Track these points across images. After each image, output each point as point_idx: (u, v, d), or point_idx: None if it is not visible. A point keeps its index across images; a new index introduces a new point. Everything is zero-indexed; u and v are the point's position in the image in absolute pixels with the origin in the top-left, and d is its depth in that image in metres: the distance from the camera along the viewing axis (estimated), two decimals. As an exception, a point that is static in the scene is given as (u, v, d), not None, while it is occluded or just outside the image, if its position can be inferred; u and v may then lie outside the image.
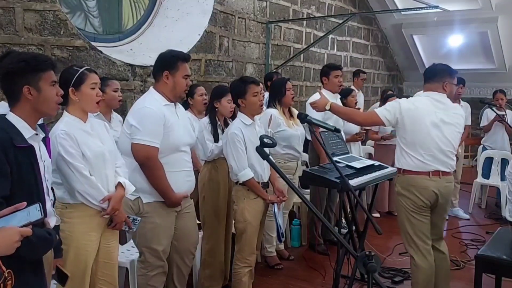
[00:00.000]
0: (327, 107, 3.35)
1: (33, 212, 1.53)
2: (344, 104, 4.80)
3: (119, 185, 2.48)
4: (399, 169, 3.20)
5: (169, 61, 2.74)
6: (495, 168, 6.05)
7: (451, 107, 3.21)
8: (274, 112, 4.03)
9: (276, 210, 3.29)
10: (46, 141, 2.10)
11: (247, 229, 3.16)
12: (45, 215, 1.65)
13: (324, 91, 4.53)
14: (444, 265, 3.31)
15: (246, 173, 3.10)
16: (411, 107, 3.11)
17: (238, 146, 3.09)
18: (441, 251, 3.30)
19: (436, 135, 3.10)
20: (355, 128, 5.16)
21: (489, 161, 6.12)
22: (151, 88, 2.82)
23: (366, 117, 3.52)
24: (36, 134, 1.94)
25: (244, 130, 3.13)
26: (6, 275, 1.47)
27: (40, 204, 1.56)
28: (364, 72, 6.57)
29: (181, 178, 2.81)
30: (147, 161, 2.63)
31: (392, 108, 3.16)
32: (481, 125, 6.21)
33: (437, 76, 3.17)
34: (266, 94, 4.20)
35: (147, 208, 2.73)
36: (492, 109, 5.87)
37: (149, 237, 2.76)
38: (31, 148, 1.86)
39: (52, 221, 2.07)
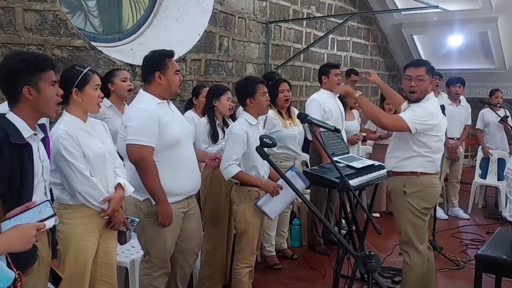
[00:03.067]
0: (356, 95, 3.24)
1: (44, 209, 1.56)
2: (344, 104, 4.79)
3: (119, 186, 2.48)
4: (412, 172, 3.14)
5: (157, 61, 2.75)
6: (492, 168, 6.06)
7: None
8: (270, 112, 4.01)
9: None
10: (45, 141, 2.10)
11: (248, 229, 3.15)
12: None
13: (322, 91, 4.54)
14: (432, 262, 3.43)
15: (229, 170, 3.06)
16: (437, 113, 3.14)
17: (236, 146, 3.08)
18: (430, 248, 3.41)
19: (443, 135, 3.23)
20: (355, 129, 5.17)
21: (486, 161, 6.14)
22: (141, 90, 2.81)
23: (393, 122, 3.15)
24: (35, 134, 1.94)
25: (249, 131, 3.12)
26: (17, 276, 1.47)
27: (50, 201, 1.58)
28: (356, 74, 6.35)
29: (185, 176, 2.80)
30: (140, 162, 2.62)
31: (422, 117, 3.05)
32: (477, 126, 6.21)
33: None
34: None
35: (156, 209, 2.71)
36: (493, 110, 5.88)
37: (156, 238, 2.76)
38: (28, 146, 1.86)
39: (50, 221, 2.06)
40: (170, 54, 2.79)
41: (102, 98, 2.49)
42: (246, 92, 3.18)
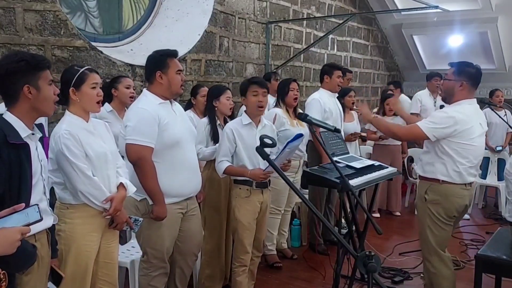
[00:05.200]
0: (370, 119, 3.33)
1: (31, 214, 1.54)
2: (341, 104, 4.79)
3: (121, 185, 2.48)
4: (434, 179, 3.05)
5: (158, 61, 2.75)
6: (492, 168, 6.08)
7: (482, 114, 3.17)
8: (279, 111, 4.08)
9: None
10: (43, 141, 2.10)
11: (238, 227, 3.17)
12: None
13: (323, 91, 4.55)
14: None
15: (219, 167, 3.13)
16: (465, 118, 2.95)
17: (223, 143, 3.14)
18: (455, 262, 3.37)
19: (479, 147, 3.08)
20: (353, 129, 5.15)
21: (486, 161, 6.16)
22: (144, 90, 2.82)
23: (408, 133, 3.23)
24: (33, 134, 1.95)
25: (238, 129, 3.13)
26: (1, 276, 1.47)
27: (38, 205, 1.58)
28: (350, 72, 6.37)
29: (185, 178, 2.80)
30: (139, 161, 2.63)
31: (444, 124, 2.95)
32: None
33: (480, 82, 3.08)
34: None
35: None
36: (493, 110, 5.88)
37: (153, 238, 2.76)
38: (26, 145, 1.86)
39: (49, 220, 2.07)
40: (172, 53, 2.79)
41: (102, 97, 2.49)
42: (241, 92, 3.26)
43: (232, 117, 3.75)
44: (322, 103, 4.36)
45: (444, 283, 3.13)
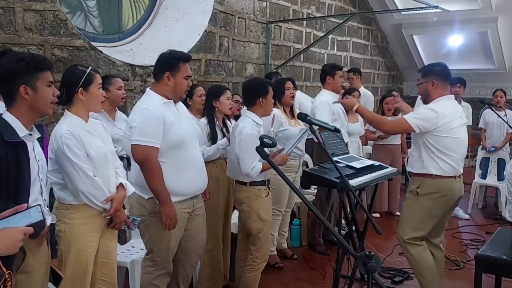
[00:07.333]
0: (354, 108, 3.40)
1: (34, 214, 1.54)
2: (343, 103, 4.78)
3: (120, 186, 2.49)
4: (427, 174, 3.16)
5: (170, 62, 2.73)
6: (492, 168, 6.08)
7: (461, 108, 3.32)
8: (277, 111, 4.05)
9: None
10: (42, 141, 2.10)
11: (265, 227, 3.20)
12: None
13: (326, 92, 4.52)
14: (441, 261, 3.42)
15: (256, 169, 3.09)
16: (445, 112, 3.09)
17: (254, 146, 3.06)
18: (440, 248, 3.41)
19: (463, 138, 3.19)
20: (356, 129, 5.15)
21: (486, 161, 6.16)
22: (148, 89, 2.81)
23: (394, 125, 3.39)
24: (30, 134, 1.94)
25: (259, 130, 3.16)
26: (7, 276, 1.47)
27: (41, 205, 1.58)
28: (350, 71, 6.34)
29: (191, 177, 2.79)
30: (145, 162, 2.62)
31: (426, 116, 3.10)
32: (479, 125, 6.25)
33: (450, 78, 3.26)
34: None
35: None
36: (492, 109, 5.88)
37: (159, 237, 2.75)
38: (23, 144, 1.86)
39: (47, 220, 2.07)
40: (186, 58, 2.78)
41: (105, 97, 2.50)
42: (260, 91, 3.22)
43: (238, 118, 3.74)
44: (331, 105, 4.36)
45: (420, 267, 3.24)
